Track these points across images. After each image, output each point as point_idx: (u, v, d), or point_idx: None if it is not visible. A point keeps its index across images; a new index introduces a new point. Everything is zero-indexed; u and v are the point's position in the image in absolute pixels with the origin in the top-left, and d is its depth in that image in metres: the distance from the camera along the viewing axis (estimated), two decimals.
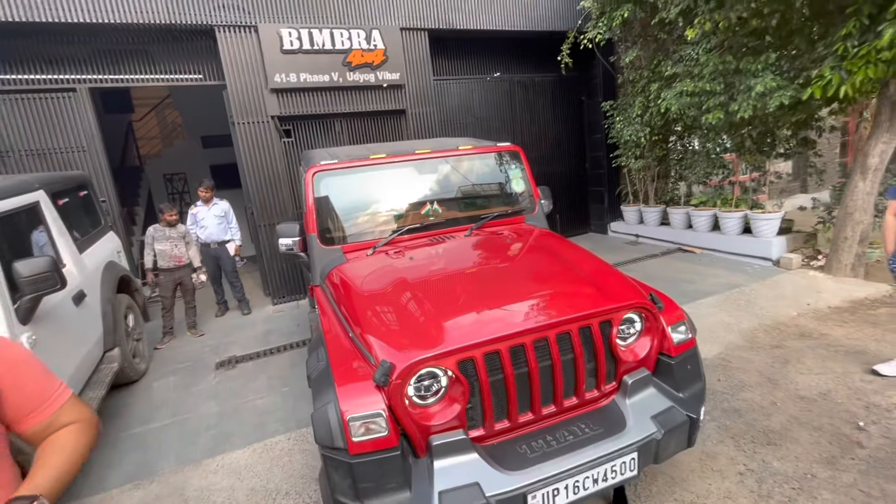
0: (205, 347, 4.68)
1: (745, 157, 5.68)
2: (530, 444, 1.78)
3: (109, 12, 4.71)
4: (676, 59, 5.60)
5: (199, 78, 5.68)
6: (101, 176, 5.30)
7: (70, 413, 0.98)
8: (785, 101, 4.34)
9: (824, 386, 2.99)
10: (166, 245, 4.57)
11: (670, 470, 2.37)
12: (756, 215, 5.47)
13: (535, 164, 7.64)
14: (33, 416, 0.93)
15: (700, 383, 2.06)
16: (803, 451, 2.41)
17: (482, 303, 1.97)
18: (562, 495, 1.65)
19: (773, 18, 4.25)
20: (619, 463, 1.73)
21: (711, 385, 3.12)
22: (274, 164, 5.71)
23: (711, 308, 4.41)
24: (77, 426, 0.99)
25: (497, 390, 1.77)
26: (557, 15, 6.78)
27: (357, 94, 5.93)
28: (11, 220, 2.66)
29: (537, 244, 2.65)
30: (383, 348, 1.77)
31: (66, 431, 0.96)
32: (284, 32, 5.36)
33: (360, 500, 1.57)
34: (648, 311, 2.00)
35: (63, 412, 0.97)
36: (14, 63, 4.93)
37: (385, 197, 2.96)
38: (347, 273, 2.46)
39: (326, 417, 1.62)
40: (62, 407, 0.97)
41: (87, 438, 1.00)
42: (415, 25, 6.06)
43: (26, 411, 0.92)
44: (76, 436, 0.98)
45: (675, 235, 6.66)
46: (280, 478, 2.60)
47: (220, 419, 3.30)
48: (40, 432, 0.95)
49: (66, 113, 5.13)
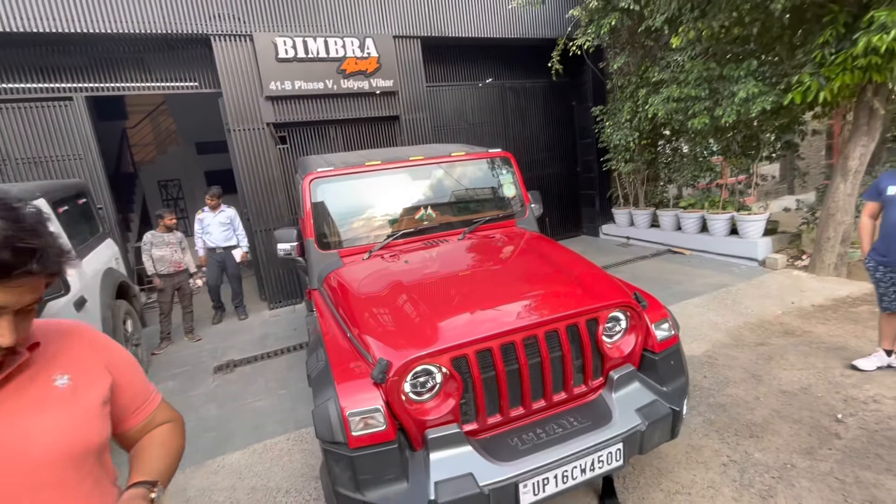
0: (202, 352, 4.73)
1: (732, 160, 5.83)
2: (521, 436, 1.86)
3: (106, 22, 4.78)
4: (663, 66, 5.76)
5: (195, 85, 5.76)
6: (98, 183, 5.35)
7: (164, 412, 1.03)
8: (767, 107, 4.50)
9: (805, 381, 3.10)
10: (166, 251, 4.62)
11: (657, 462, 2.47)
12: (742, 217, 5.62)
13: (527, 168, 7.81)
14: (139, 412, 0.97)
15: (683, 378, 2.16)
16: (784, 442, 2.52)
17: (474, 303, 2.06)
18: (551, 484, 1.73)
19: (754, 27, 4.41)
20: (606, 453, 1.82)
21: (698, 381, 3.23)
22: (269, 170, 5.79)
23: (699, 308, 4.53)
24: (172, 424, 1.04)
25: (489, 386, 1.86)
26: (547, 23, 6.93)
27: (351, 100, 6.02)
28: None
29: (528, 247, 2.75)
30: (380, 347, 1.85)
31: (163, 428, 1.00)
32: (279, 41, 5.45)
33: (361, 491, 1.64)
34: (633, 310, 2.10)
35: (159, 411, 1.02)
36: (11, 72, 4.98)
37: (380, 202, 3.05)
38: (345, 276, 2.54)
39: (327, 413, 1.70)
40: (158, 406, 1.02)
41: (181, 435, 1.05)
42: (408, 33, 6.17)
43: (133, 408, 0.95)
44: (173, 432, 1.03)
45: (664, 237, 6.80)
46: (280, 477, 2.67)
47: (219, 421, 3.36)
48: (141, 430, 0.98)
49: (63, 121, 5.18)
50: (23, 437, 0.72)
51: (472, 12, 6.49)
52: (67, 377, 0.79)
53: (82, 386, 0.80)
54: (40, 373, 0.76)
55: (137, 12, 4.89)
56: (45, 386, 0.75)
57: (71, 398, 0.78)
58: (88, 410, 0.81)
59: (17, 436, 0.71)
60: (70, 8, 4.63)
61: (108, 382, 0.88)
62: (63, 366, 0.79)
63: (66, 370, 0.79)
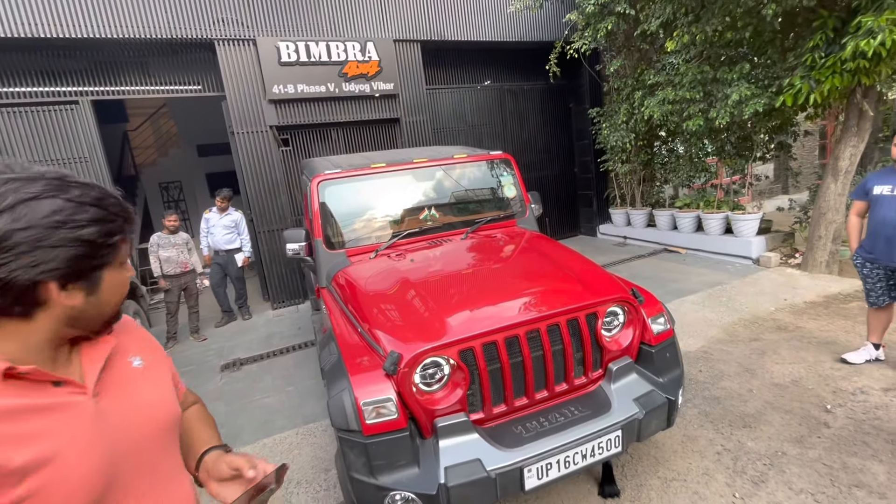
0: (208, 351, 4.81)
1: (726, 160, 5.96)
2: (525, 425, 1.96)
3: (112, 27, 4.87)
4: (659, 69, 5.88)
5: (198, 89, 5.84)
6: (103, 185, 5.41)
7: (190, 394, 1.10)
8: (759, 108, 4.62)
9: (796, 374, 3.22)
10: (172, 252, 4.71)
11: (654, 451, 2.57)
12: (736, 216, 5.74)
13: (526, 169, 7.92)
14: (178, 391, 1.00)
15: (678, 369, 2.27)
16: (775, 431, 2.63)
17: (479, 299, 2.16)
18: (554, 469, 1.83)
19: (747, 31, 4.53)
20: (605, 440, 1.92)
21: (694, 375, 3.34)
22: (272, 172, 5.87)
23: (695, 305, 4.65)
24: (201, 404, 1.11)
25: (495, 377, 1.95)
26: (545, 26, 7.05)
27: (352, 103, 6.12)
28: None
29: (528, 246, 2.85)
30: (391, 341, 1.95)
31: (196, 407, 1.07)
32: (282, 45, 5.54)
33: (374, 476, 1.74)
34: (630, 305, 2.21)
35: (188, 392, 1.09)
36: (19, 76, 5.06)
37: (385, 203, 3.15)
38: (353, 275, 2.64)
39: (342, 403, 1.79)
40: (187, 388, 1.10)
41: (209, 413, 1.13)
42: (408, 37, 6.28)
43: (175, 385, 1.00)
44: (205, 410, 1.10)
45: (661, 237, 6.92)
46: (291, 469, 2.75)
47: (228, 417, 3.44)
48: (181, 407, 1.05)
49: (69, 124, 5.26)
50: (133, 410, 0.78)
51: (470, 16, 6.60)
52: (139, 358, 0.87)
53: (152, 366, 0.89)
54: (117, 355, 0.83)
55: (142, 17, 4.97)
56: (127, 367, 0.83)
57: (150, 376, 0.86)
58: (166, 386, 0.89)
59: (128, 409, 0.77)
60: (76, 13, 4.71)
61: (168, 362, 0.97)
62: (131, 349, 0.87)
63: (135, 353, 0.87)
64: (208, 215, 5.35)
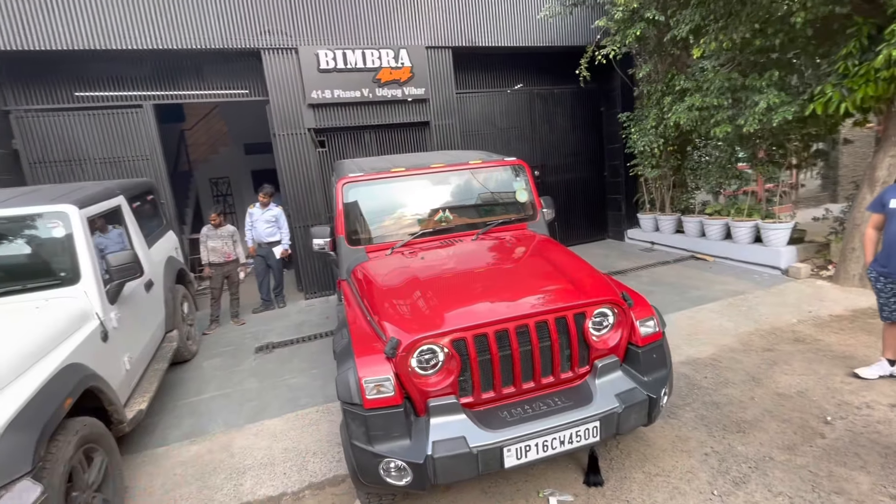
0: (245, 335, 5.27)
1: (758, 167, 5.83)
2: (510, 411, 2.17)
3: (172, 39, 5.41)
4: (690, 74, 5.83)
5: (245, 93, 6.35)
6: (161, 181, 6.02)
7: None
8: (788, 116, 4.54)
9: (803, 385, 3.22)
10: (218, 243, 5.20)
11: (644, 448, 2.70)
12: (766, 225, 5.61)
13: (554, 172, 8.01)
14: None
15: (664, 370, 2.39)
16: (768, 438, 2.69)
17: (476, 295, 2.38)
18: (532, 451, 2.03)
19: (777, 38, 4.46)
20: (584, 429, 2.09)
21: (697, 381, 3.40)
22: (309, 171, 6.30)
23: (712, 313, 4.63)
24: None
25: (484, 366, 2.17)
26: (574, 31, 7.10)
27: (385, 107, 6.44)
28: (101, 220, 3.27)
29: (532, 248, 3.03)
30: (393, 329, 2.20)
31: None
32: (321, 53, 5.93)
33: (371, 444, 2.00)
34: (619, 307, 2.35)
35: None
36: (92, 83, 5.72)
37: (403, 204, 3.41)
38: (369, 270, 2.91)
39: (347, 380, 2.07)
40: None
41: None
42: (440, 44, 6.53)
43: None
44: None
45: (688, 243, 6.83)
46: (309, 441, 3.08)
47: (259, 393, 3.83)
48: None
49: (134, 126, 5.87)
50: None
51: (500, 23, 6.77)
52: None
53: None
54: None
55: (198, 30, 5.49)
56: None
57: None
58: None
59: None
60: (143, 27, 5.28)
61: None
62: None
63: None
64: (252, 210, 5.81)
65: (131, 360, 3.08)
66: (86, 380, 2.35)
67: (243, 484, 2.74)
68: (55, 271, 2.78)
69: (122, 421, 2.69)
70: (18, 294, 2.67)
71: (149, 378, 3.35)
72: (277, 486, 2.69)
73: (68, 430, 2.13)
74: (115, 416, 2.64)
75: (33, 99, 5.58)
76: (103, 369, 2.61)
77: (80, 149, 5.71)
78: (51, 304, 2.60)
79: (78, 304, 2.68)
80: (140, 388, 3.21)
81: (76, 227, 2.82)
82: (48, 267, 2.80)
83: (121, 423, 2.68)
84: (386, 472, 2.00)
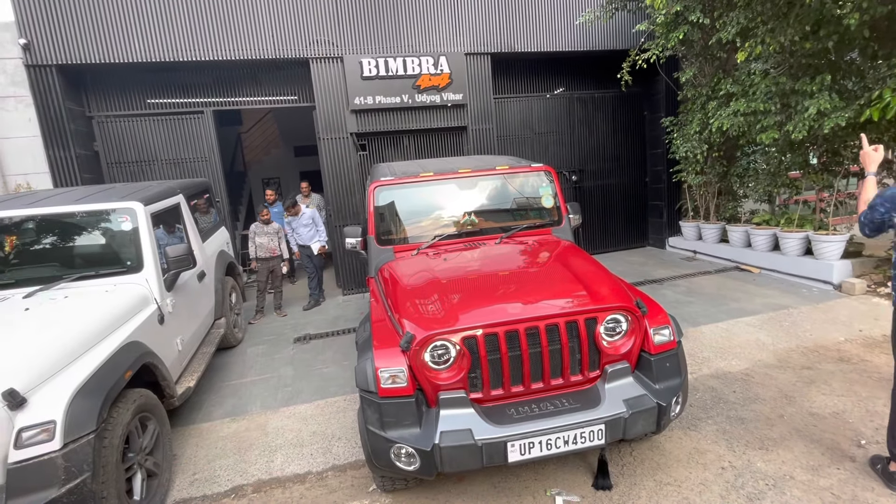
0: (286, 326, 5.63)
1: (810, 175, 5.51)
2: (518, 408, 2.26)
3: (231, 51, 5.89)
4: (737, 78, 5.60)
5: (294, 99, 6.77)
6: (217, 181, 6.54)
7: None
8: (841, 123, 4.29)
9: (840, 406, 3.06)
10: (264, 239, 5.61)
11: (658, 457, 2.69)
12: (818, 237, 5.30)
13: (593, 177, 7.92)
14: None
15: (677, 379, 2.39)
16: (792, 457, 2.60)
17: (492, 296, 2.49)
18: (536, 448, 2.11)
19: (830, 40, 4.23)
20: (588, 431, 2.15)
21: (725, 395, 3.32)
22: (350, 173, 6.61)
23: (749, 327, 4.45)
24: None
25: (494, 364, 2.27)
26: (615, 35, 7.00)
27: (424, 113, 6.65)
28: (163, 216, 3.66)
29: (552, 253, 3.09)
30: (410, 325, 2.35)
31: None
32: (364, 62, 6.23)
33: (384, 430, 2.16)
34: (633, 314, 2.38)
35: None
36: (162, 91, 6.32)
37: (431, 207, 3.57)
38: (394, 269, 3.09)
39: (365, 369, 2.24)
40: None
41: None
42: (478, 51, 6.66)
43: None
44: None
45: (733, 253, 6.54)
46: (336, 426, 3.30)
47: (294, 380, 4.12)
48: None
49: (196, 130, 6.42)
50: None
51: (540, 28, 6.80)
52: None
53: None
54: None
55: (254, 41, 5.94)
56: None
57: None
58: None
59: None
60: (205, 40, 5.79)
61: None
62: None
63: None
64: (288, 219, 6.04)
65: (183, 342, 3.43)
66: (143, 356, 2.67)
67: (274, 461, 2.99)
68: (123, 260, 3.16)
69: (173, 395, 3.01)
70: (93, 279, 3.06)
71: (198, 360, 3.71)
72: (304, 466, 2.91)
73: (127, 398, 2.45)
74: (168, 391, 2.97)
75: (112, 105, 6.24)
76: (158, 348, 2.94)
77: (149, 151, 6.32)
78: (118, 289, 2.97)
79: (140, 289, 3.04)
80: (190, 368, 3.56)
81: (141, 221, 3.20)
82: (117, 256, 3.19)
83: (172, 397, 3.01)
84: (397, 457, 2.15)
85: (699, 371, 3.70)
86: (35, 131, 5.62)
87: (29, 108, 5.60)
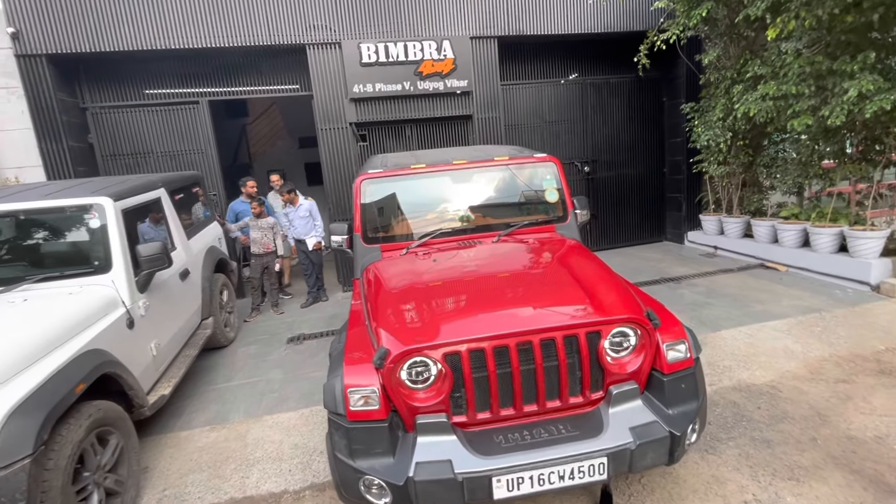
0: (282, 324, 5.43)
1: (846, 165, 5.03)
2: (507, 435, 1.97)
3: (224, 37, 5.64)
4: (766, 59, 5.12)
5: (295, 88, 6.50)
6: (213, 174, 6.34)
7: None
8: (886, 106, 3.83)
9: (884, 429, 2.69)
10: (258, 234, 5.39)
11: (671, 486, 2.38)
12: (853, 232, 4.83)
13: (607, 167, 7.50)
14: None
15: (695, 403, 2.07)
16: (828, 491, 2.26)
17: (479, 305, 2.19)
18: (526, 484, 1.82)
19: (875, 12, 3.76)
20: (588, 465, 1.85)
21: (748, 412, 2.97)
22: (350, 165, 6.34)
23: (776, 332, 4.06)
24: None
25: (480, 384, 1.98)
26: (631, 15, 6.53)
27: (427, 101, 6.32)
28: (139, 212, 3.44)
29: (554, 254, 2.77)
30: (386, 338, 2.07)
31: None
32: (363, 47, 5.92)
33: (353, 459, 1.90)
34: (643, 327, 2.06)
35: None
36: (157, 81, 6.12)
37: (422, 202, 3.27)
38: (379, 271, 2.81)
39: (333, 388, 1.97)
40: None
41: None
42: (485, 34, 6.28)
43: None
44: None
45: (758, 250, 6.09)
46: (318, 438, 3.06)
47: (281, 385, 3.90)
48: None
49: (190, 121, 6.21)
50: None
51: (550, 9, 6.37)
52: None
53: None
54: None
55: (247, 26, 5.67)
56: None
57: None
58: None
59: None
60: (198, 26, 5.55)
61: None
62: None
63: None
64: (285, 210, 5.84)
65: (159, 346, 3.22)
66: (103, 365, 2.46)
67: (250, 477, 2.77)
68: (90, 260, 2.96)
69: (142, 405, 2.81)
70: (59, 280, 2.86)
71: (177, 364, 3.51)
72: (280, 483, 2.69)
73: (81, 413, 2.24)
74: (136, 401, 2.76)
75: (106, 96, 6.07)
76: (126, 355, 2.73)
77: (145, 143, 6.14)
78: (84, 291, 2.76)
79: (107, 291, 2.82)
80: (168, 374, 3.36)
81: (110, 218, 2.98)
82: (85, 256, 2.98)
83: (141, 407, 2.80)
84: (367, 489, 1.89)
85: (719, 382, 3.35)
86: (28, 123, 5.48)
87: (21, 99, 5.45)
